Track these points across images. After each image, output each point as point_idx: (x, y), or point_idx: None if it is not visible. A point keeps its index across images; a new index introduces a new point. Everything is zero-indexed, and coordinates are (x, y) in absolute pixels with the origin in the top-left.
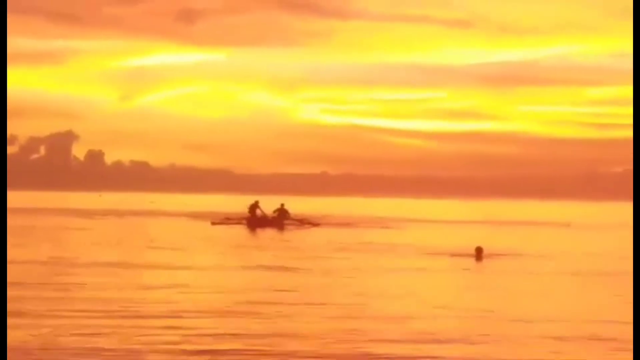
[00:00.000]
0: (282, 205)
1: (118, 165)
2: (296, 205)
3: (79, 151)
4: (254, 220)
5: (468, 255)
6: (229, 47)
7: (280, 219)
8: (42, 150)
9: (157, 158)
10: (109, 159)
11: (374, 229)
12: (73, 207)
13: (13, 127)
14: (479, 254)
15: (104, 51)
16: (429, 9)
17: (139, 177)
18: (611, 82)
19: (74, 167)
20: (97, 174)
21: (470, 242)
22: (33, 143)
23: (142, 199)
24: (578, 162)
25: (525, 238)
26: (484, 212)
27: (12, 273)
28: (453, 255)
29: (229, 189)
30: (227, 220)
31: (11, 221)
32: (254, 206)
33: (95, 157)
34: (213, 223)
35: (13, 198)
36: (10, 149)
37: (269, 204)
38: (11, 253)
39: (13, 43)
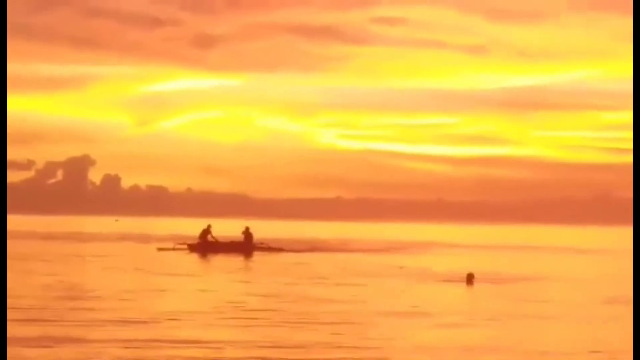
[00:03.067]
0: (247, 228)
1: (135, 189)
2: (311, 230)
3: (95, 176)
4: (202, 246)
5: (459, 281)
6: (245, 72)
7: (248, 244)
8: (60, 174)
9: (174, 183)
10: (126, 183)
11: (381, 254)
12: (89, 232)
13: (31, 151)
14: (469, 279)
15: (121, 77)
16: (445, 34)
17: (156, 201)
18: (626, 106)
19: (90, 191)
20: (113, 198)
21: (475, 267)
22: (50, 167)
23: (156, 224)
24: (593, 187)
25: (533, 263)
26: (496, 237)
27: (24, 300)
28: (445, 280)
29: (245, 214)
30: (178, 246)
31: (28, 246)
32: (206, 231)
33: (112, 181)
34: (160, 249)
35: (30, 222)
36: (28, 174)
37: (284, 229)
38: (25, 278)
39: (32, 69)
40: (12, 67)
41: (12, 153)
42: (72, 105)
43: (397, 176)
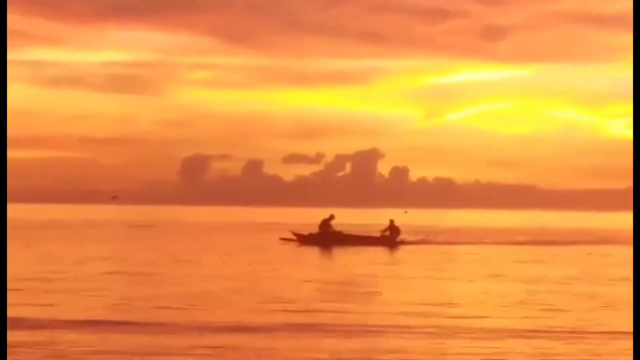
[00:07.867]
0: (392, 221)
1: (422, 182)
2: (597, 221)
3: (383, 168)
4: (319, 238)
5: None
6: (535, 62)
7: (392, 237)
8: (348, 167)
9: (461, 174)
10: (414, 175)
11: None
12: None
13: (320, 145)
14: None
15: (409, 70)
16: None
17: (442, 193)
18: None
19: (378, 184)
20: (401, 190)
21: None
22: (340, 161)
23: (444, 216)
24: None
25: None
26: None
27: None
28: None
29: (533, 205)
30: (300, 236)
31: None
32: (326, 222)
33: (399, 173)
34: (282, 239)
35: (319, 215)
36: (317, 167)
37: (574, 220)
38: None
39: (321, 64)
40: (302, 63)
41: (302, 146)
42: (360, 98)
43: None
